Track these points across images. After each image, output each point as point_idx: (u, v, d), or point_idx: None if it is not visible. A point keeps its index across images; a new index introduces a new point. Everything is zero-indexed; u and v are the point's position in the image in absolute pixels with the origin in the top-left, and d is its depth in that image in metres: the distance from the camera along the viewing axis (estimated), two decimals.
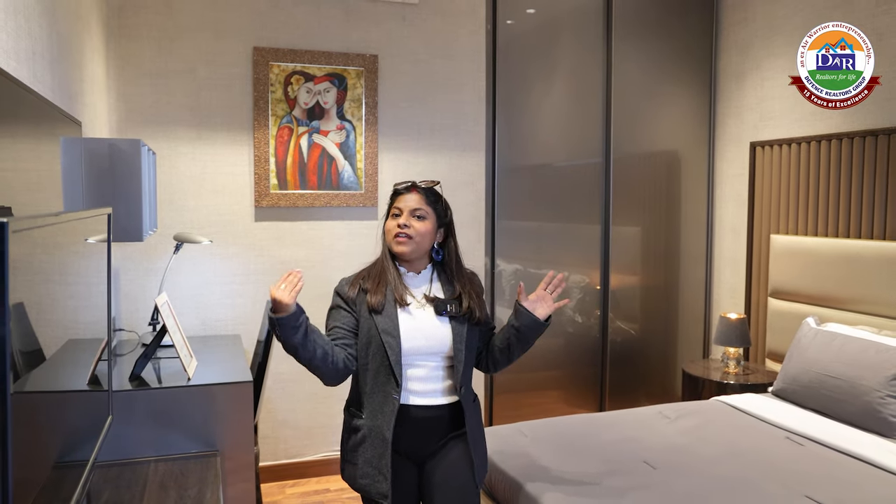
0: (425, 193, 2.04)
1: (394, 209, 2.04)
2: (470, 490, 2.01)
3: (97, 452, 1.73)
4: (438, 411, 2.01)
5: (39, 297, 1.24)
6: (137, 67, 3.46)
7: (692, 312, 4.73)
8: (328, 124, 3.76)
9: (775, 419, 3.03)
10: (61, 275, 1.44)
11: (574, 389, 4.55)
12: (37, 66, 1.93)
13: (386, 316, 1.97)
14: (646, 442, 2.80)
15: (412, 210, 2.01)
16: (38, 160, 1.91)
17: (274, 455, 3.79)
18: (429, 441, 2.02)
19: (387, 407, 1.94)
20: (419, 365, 1.99)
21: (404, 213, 2.01)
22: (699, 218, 4.68)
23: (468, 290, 2.08)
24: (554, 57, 4.39)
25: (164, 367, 2.83)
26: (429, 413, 1.99)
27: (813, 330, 3.33)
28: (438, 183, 2.12)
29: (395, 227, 2.01)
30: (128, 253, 3.47)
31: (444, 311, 2.01)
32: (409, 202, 2.02)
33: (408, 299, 2.01)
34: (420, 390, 1.99)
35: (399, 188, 2.06)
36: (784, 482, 2.40)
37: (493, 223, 4.21)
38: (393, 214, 2.04)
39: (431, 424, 2.01)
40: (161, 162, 3.48)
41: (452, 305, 2.02)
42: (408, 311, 2.01)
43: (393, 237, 2.02)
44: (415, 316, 2.01)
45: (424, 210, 2.02)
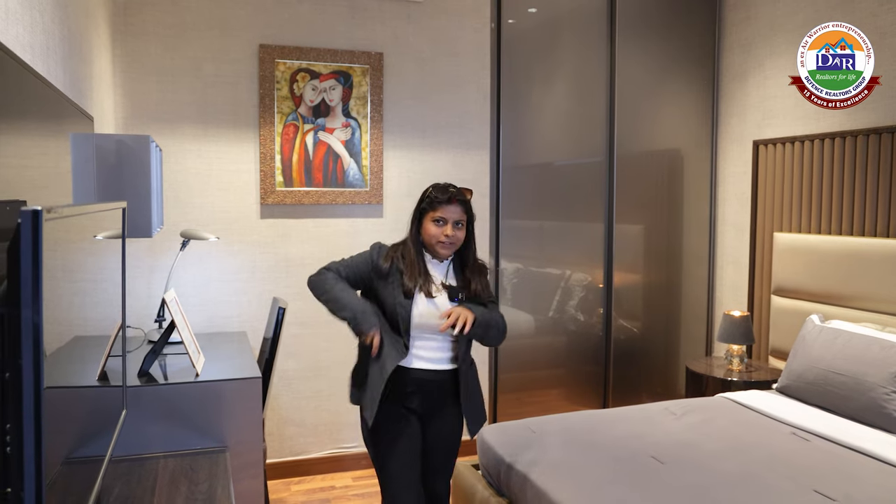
0: (464, 205, 2.32)
1: (438, 217, 2.29)
2: (456, 439, 2.43)
3: (113, 446, 1.73)
4: (442, 375, 2.34)
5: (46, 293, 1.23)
6: (144, 65, 3.46)
7: (695, 310, 4.74)
8: (334, 122, 3.77)
9: (781, 415, 3.04)
10: (65, 271, 1.44)
11: (577, 387, 4.56)
12: (51, 61, 1.93)
13: (410, 296, 2.29)
14: (653, 437, 2.81)
15: (455, 221, 2.30)
16: (55, 155, 1.91)
17: (279, 452, 3.80)
18: (434, 400, 2.35)
19: (391, 354, 2.26)
20: (429, 338, 2.31)
21: (449, 223, 2.29)
22: (702, 216, 4.70)
23: (478, 278, 2.39)
24: (557, 56, 4.40)
25: (171, 363, 2.84)
26: (435, 377, 2.32)
27: (817, 327, 3.35)
28: (472, 192, 2.42)
29: (442, 235, 2.29)
30: (133, 250, 3.47)
31: (456, 298, 2.32)
32: (453, 214, 2.29)
33: (434, 292, 2.31)
34: (428, 357, 2.31)
35: (442, 198, 2.29)
36: (792, 477, 2.41)
37: (497, 222, 4.22)
38: (435, 221, 2.30)
39: (436, 386, 2.33)
40: (167, 159, 3.48)
41: (463, 294, 2.33)
42: (430, 298, 2.31)
43: (437, 242, 2.30)
44: (434, 300, 2.30)
45: (463, 220, 2.32)
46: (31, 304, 0.90)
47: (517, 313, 4.42)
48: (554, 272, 4.51)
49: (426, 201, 2.32)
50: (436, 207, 2.30)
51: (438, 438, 2.40)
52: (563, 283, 4.51)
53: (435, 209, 2.30)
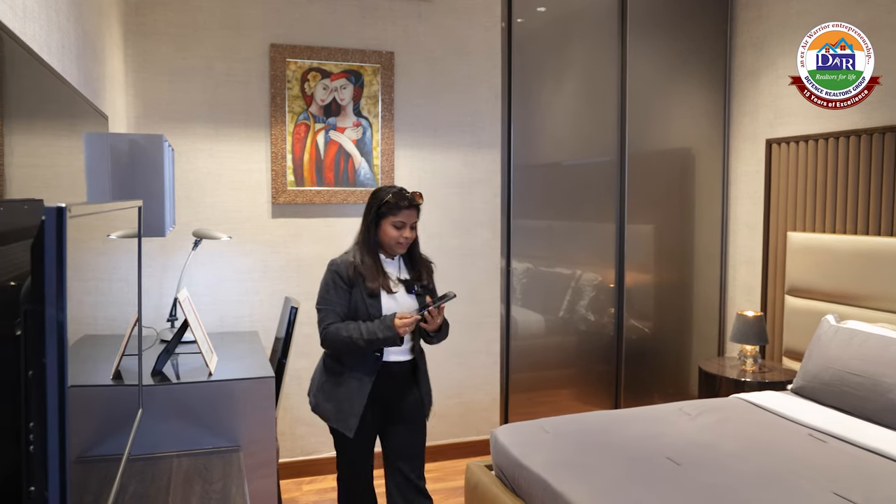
0: (418, 209, 2.55)
1: (398, 222, 2.51)
2: (421, 419, 2.66)
3: (131, 444, 1.72)
4: (405, 366, 2.61)
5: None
6: (155, 64, 3.46)
7: (707, 310, 4.72)
8: (345, 121, 3.76)
9: (796, 416, 3.02)
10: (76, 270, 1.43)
11: (588, 387, 4.54)
12: (66, 59, 1.93)
13: (376, 296, 2.53)
14: (668, 438, 2.79)
15: (412, 224, 2.53)
16: (68, 154, 1.91)
17: (291, 451, 3.79)
18: (397, 387, 2.60)
19: (368, 360, 2.50)
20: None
21: (407, 226, 2.51)
22: (714, 215, 4.67)
23: (426, 271, 2.66)
24: (568, 54, 4.38)
25: (184, 362, 2.83)
26: (400, 368, 2.59)
27: (833, 327, 3.32)
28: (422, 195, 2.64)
29: (402, 237, 2.51)
30: (146, 249, 3.46)
31: (412, 290, 2.59)
32: (410, 217, 2.52)
33: (393, 288, 2.55)
34: (393, 350, 2.54)
35: (403, 204, 2.50)
36: (810, 478, 2.39)
37: (508, 221, 4.20)
38: (395, 225, 2.51)
39: (400, 374, 2.60)
40: (179, 158, 3.48)
41: (417, 285, 2.60)
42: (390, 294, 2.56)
43: (396, 243, 2.53)
44: (394, 295, 2.56)
45: (416, 222, 2.56)
46: (56, 301, 0.89)
47: (527, 313, 4.40)
48: (564, 272, 4.49)
49: (385, 206, 2.51)
50: (396, 213, 2.50)
51: (406, 420, 2.63)
52: (573, 282, 4.49)
53: (396, 214, 2.50)
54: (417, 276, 2.64)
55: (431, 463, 4.02)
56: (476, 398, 4.16)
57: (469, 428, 4.15)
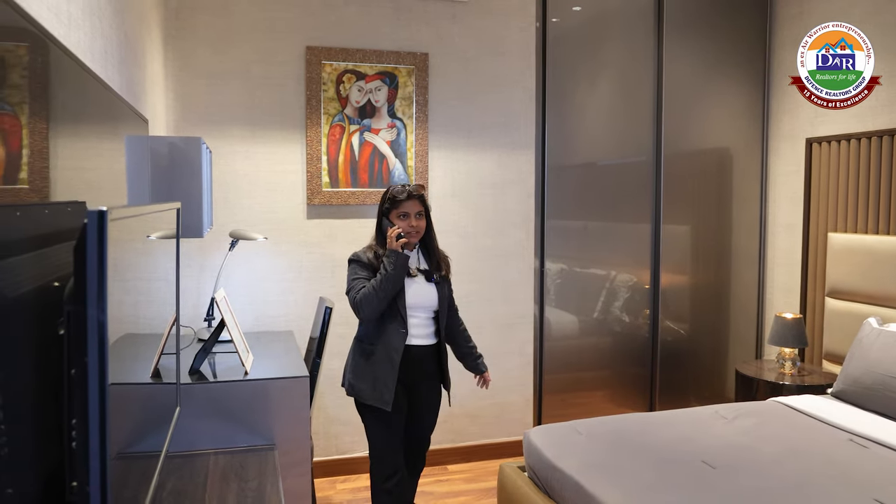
0: (420, 199, 2.73)
1: (401, 213, 2.70)
2: (438, 400, 2.91)
3: (169, 441, 1.76)
4: (428, 349, 2.80)
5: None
6: (194, 68, 3.53)
7: (744, 312, 4.64)
8: (379, 122, 3.78)
9: (837, 421, 2.96)
10: (117, 270, 1.47)
11: (622, 389, 4.50)
12: (108, 65, 1.98)
13: None
14: (704, 441, 2.75)
15: (416, 213, 2.71)
16: (109, 157, 1.96)
17: (325, 450, 3.83)
18: (420, 370, 2.78)
19: (396, 338, 2.69)
20: (416, 315, 2.75)
21: (411, 215, 2.69)
22: (752, 216, 4.60)
23: (444, 263, 2.84)
24: (603, 54, 4.35)
25: (221, 361, 2.88)
26: (421, 352, 2.77)
27: (875, 330, 3.24)
28: (424, 187, 2.86)
29: (407, 226, 2.69)
30: (184, 249, 3.53)
31: (432, 278, 2.78)
32: (412, 207, 2.70)
33: (412, 272, 2.74)
34: (416, 334, 2.76)
35: (401, 196, 2.69)
36: (851, 484, 2.34)
37: (542, 222, 4.19)
38: (400, 216, 2.70)
39: (422, 358, 2.78)
40: (216, 160, 3.54)
41: (437, 275, 2.79)
42: (411, 278, 2.75)
43: (405, 232, 2.69)
44: (415, 280, 2.75)
45: (422, 211, 2.73)
46: (97, 302, 0.91)
47: (561, 314, 4.38)
48: (599, 273, 4.46)
49: (388, 202, 2.72)
50: (397, 206, 2.70)
51: (424, 402, 2.85)
52: (608, 283, 4.45)
53: (398, 207, 2.70)
54: (436, 266, 2.82)
55: (464, 464, 4.02)
56: (509, 399, 4.15)
57: (502, 429, 4.15)
